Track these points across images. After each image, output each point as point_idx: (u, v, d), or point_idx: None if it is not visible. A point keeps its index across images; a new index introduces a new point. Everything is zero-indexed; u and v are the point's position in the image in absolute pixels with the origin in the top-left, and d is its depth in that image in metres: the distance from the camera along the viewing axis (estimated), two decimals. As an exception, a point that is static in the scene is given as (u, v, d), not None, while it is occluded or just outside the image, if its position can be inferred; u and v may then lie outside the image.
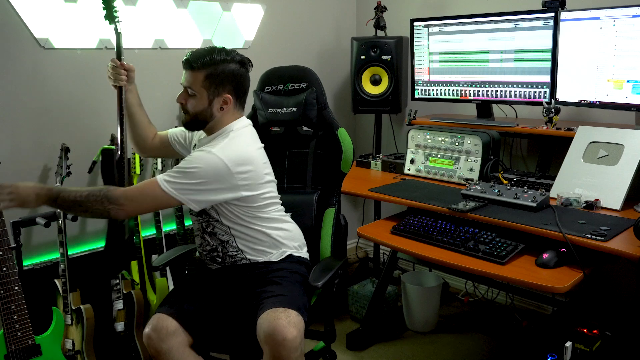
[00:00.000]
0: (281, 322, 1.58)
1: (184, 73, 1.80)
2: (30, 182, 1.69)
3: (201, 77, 1.76)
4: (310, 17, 3.31)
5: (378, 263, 3.33)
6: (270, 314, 1.62)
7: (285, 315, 1.61)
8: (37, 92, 2.34)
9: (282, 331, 1.57)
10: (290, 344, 1.57)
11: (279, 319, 1.60)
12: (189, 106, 1.80)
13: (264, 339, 1.59)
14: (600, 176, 2.06)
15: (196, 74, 1.76)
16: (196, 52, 1.78)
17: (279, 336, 1.56)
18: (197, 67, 1.75)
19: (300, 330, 1.62)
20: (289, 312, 1.63)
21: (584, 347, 1.90)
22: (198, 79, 1.76)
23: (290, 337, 1.57)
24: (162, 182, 1.69)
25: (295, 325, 1.60)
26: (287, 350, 1.57)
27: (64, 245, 2.24)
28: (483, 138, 2.41)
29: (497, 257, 1.80)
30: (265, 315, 1.62)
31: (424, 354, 2.63)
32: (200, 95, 1.78)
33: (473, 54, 2.66)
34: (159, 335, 1.71)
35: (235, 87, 1.82)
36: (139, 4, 2.56)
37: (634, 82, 2.12)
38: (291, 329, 1.58)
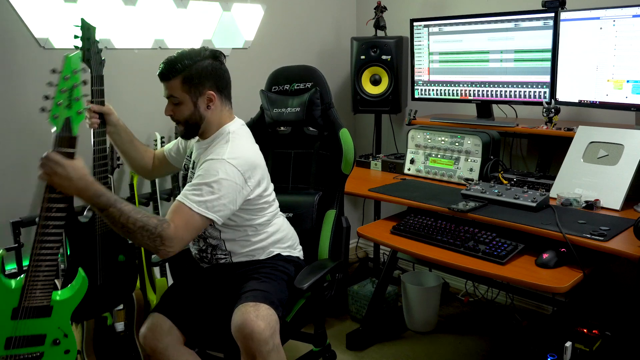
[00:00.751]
0: (249, 316, 1.60)
1: (163, 86, 1.78)
2: (89, 173, 1.54)
3: (178, 83, 1.74)
4: (310, 17, 3.31)
5: (378, 263, 3.33)
6: (241, 308, 1.64)
7: (254, 309, 1.62)
8: (37, 92, 2.33)
9: (250, 324, 1.57)
10: (259, 337, 1.57)
11: (247, 313, 1.61)
12: (177, 115, 1.79)
13: (235, 333, 1.62)
14: (600, 176, 2.06)
15: (173, 82, 1.74)
16: (167, 61, 1.75)
17: (247, 329, 1.57)
18: (172, 76, 1.74)
19: (270, 323, 1.61)
20: (259, 306, 1.63)
21: (584, 347, 1.90)
22: (176, 86, 1.74)
23: (257, 329, 1.57)
24: (195, 206, 1.62)
25: (264, 319, 1.60)
26: (256, 343, 1.57)
27: (64, 245, 2.24)
28: (483, 138, 2.41)
29: (497, 257, 1.80)
30: (237, 310, 1.65)
31: (424, 354, 2.63)
32: (184, 100, 1.76)
33: (473, 54, 2.66)
34: (154, 334, 1.74)
35: (215, 81, 1.80)
36: (139, 4, 2.55)
37: (634, 82, 2.12)
38: (259, 322, 1.58)
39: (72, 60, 1.43)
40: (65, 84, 1.43)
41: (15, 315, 1.54)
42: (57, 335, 1.60)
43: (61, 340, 1.62)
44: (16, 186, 2.30)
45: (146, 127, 2.66)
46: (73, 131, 1.47)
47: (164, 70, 1.75)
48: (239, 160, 1.71)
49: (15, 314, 1.54)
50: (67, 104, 1.44)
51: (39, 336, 1.59)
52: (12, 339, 1.56)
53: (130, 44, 2.57)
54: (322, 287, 1.90)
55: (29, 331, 1.57)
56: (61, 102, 1.42)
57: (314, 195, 2.14)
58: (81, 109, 1.47)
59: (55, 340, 1.61)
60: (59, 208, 1.51)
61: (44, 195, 1.50)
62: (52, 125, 1.43)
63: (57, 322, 1.60)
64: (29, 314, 1.56)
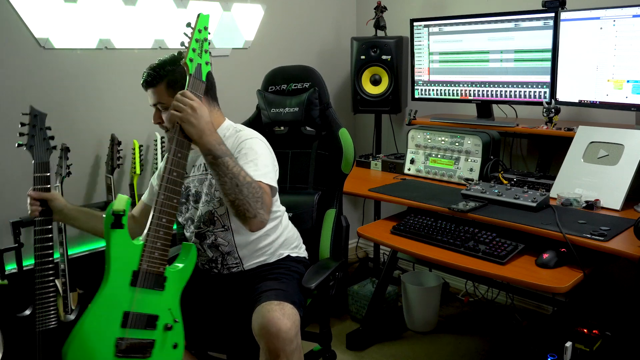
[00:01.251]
0: (275, 315, 1.57)
1: (148, 95, 1.76)
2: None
3: (163, 88, 1.73)
4: (310, 17, 3.31)
5: (378, 263, 3.33)
6: (265, 306, 1.61)
7: (279, 307, 1.60)
8: (37, 92, 2.34)
9: (277, 323, 1.55)
10: (285, 335, 1.55)
11: (273, 311, 1.58)
12: (167, 122, 1.75)
13: (259, 331, 1.58)
14: (600, 176, 2.06)
15: (158, 88, 1.73)
16: (149, 69, 1.75)
17: (273, 328, 1.55)
18: (156, 82, 1.72)
19: (295, 322, 1.60)
20: (283, 305, 1.62)
21: (584, 347, 1.90)
22: (162, 92, 1.73)
23: (284, 328, 1.55)
24: (264, 179, 1.63)
25: (290, 317, 1.59)
26: (282, 342, 1.55)
27: (64, 245, 2.24)
28: (483, 138, 2.41)
29: (497, 257, 1.80)
30: (260, 308, 1.62)
31: (424, 354, 2.63)
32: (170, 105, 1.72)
33: (473, 54, 2.66)
34: None
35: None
36: (138, 4, 2.56)
37: (634, 82, 2.12)
38: (285, 321, 1.56)
39: (203, 17, 1.58)
40: (199, 35, 1.56)
41: (134, 281, 1.49)
42: (168, 319, 1.54)
43: (173, 326, 1.54)
44: (16, 186, 2.30)
45: (146, 128, 2.66)
46: (202, 77, 1.56)
47: (148, 77, 1.73)
48: (263, 138, 1.80)
49: (135, 279, 1.50)
50: (200, 52, 1.56)
51: (153, 317, 1.52)
52: (128, 314, 1.49)
53: (130, 44, 2.57)
54: (328, 286, 1.91)
55: (144, 308, 1.50)
56: (195, 48, 1.54)
57: (313, 195, 2.14)
58: (209, 61, 1.58)
59: (166, 326, 1.53)
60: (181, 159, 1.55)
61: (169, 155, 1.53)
62: (187, 67, 1.54)
63: (168, 299, 1.54)
64: (147, 280, 1.51)
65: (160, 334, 1.53)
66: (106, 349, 1.45)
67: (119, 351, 1.47)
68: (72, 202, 2.41)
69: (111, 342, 1.46)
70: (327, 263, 1.94)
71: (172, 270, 1.56)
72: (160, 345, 1.52)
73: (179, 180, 1.55)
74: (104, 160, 2.46)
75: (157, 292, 1.53)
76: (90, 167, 2.52)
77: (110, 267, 1.47)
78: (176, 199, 1.55)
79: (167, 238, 1.54)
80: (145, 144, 2.62)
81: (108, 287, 1.47)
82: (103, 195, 2.46)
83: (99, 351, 1.45)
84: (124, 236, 1.50)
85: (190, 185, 1.86)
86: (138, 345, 1.50)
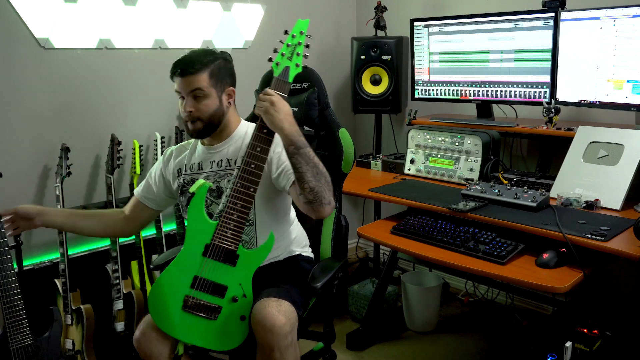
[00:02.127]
0: (271, 310, 1.59)
1: (181, 81, 1.76)
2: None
3: (205, 76, 1.76)
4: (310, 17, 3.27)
5: (378, 263, 3.33)
6: (262, 302, 1.63)
7: (276, 304, 1.62)
8: (37, 92, 2.34)
9: (271, 318, 1.57)
10: (279, 331, 1.57)
11: (269, 307, 1.60)
12: (202, 109, 1.76)
13: (255, 326, 1.61)
14: (600, 176, 2.06)
15: (200, 75, 1.75)
16: (189, 57, 1.77)
17: (267, 323, 1.57)
18: (198, 68, 1.74)
19: (291, 319, 1.61)
20: (280, 302, 1.64)
21: (584, 347, 1.90)
22: (203, 79, 1.75)
23: (278, 323, 1.57)
24: None
25: (285, 314, 1.60)
26: (276, 337, 1.57)
27: (64, 245, 2.24)
28: (483, 138, 2.41)
29: (497, 257, 1.80)
30: (258, 304, 1.64)
31: (424, 354, 2.63)
32: (211, 94, 1.77)
33: (473, 54, 2.66)
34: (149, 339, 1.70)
35: (232, 79, 1.86)
36: (139, 4, 2.56)
37: (634, 82, 2.12)
38: (280, 317, 1.58)
39: (301, 22, 1.74)
40: (291, 39, 1.72)
41: (206, 252, 1.68)
42: (237, 292, 1.68)
43: (239, 299, 1.68)
44: (16, 186, 2.30)
45: (146, 127, 2.66)
46: (289, 78, 1.72)
47: (189, 63, 1.75)
48: None
49: (206, 250, 1.69)
50: (289, 56, 1.73)
51: (221, 287, 1.68)
52: (198, 278, 1.68)
53: (130, 44, 2.57)
54: (332, 285, 1.91)
55: (213, 277, 1.68)
56: (284, 53, 1.72)
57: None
58: (299, 63, 1.73)
59: (234, 298, 1.67)
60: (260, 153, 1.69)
61: (247, 148, 1.69)
62: (274, 70, 1.72)
63: (240, 276, 1.69)
64: (217, 253, 1.68)
65: (228, 304, 1.68)
66: (176, 302, 1.68)
67: (185, 306, 1.67)
68: (72, 202, 2.43)
69: (180, 297, 1.67)
70: (330, 262, 1.95)
71: (245, 250, 1.72)
72: (227, 313, 1.68)
73: (257, 172, 1.68)
74: (104, 160, 2.46)
75: (228, 267, 1.69)
76: (90, 167, 2.52)
77: (186, 237, 1.72)
78: (253, 188, 1.68)
79: (240, 221, 1.69)
80: (145, 144, 2.62)
81: (183, 253, 1.71)
82: (103, 195, 2.46)
83: (170, 302, 1.68)
84: (199, 213, 1.72)
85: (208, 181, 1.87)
86: (203, 306, 1.67)
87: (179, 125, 2.75)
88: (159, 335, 1.71)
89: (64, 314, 2.26)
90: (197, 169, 1.87)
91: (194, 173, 1.88)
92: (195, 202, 1.73)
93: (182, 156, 1.92)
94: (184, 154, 1.92)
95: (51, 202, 2.34)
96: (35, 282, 2.28)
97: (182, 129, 2.70)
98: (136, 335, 1.73)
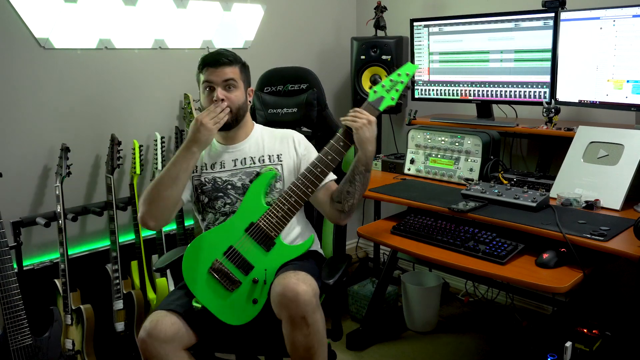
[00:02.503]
0: (291, 280, 1.61)
1: (214, 71, 1.80)
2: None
3: (237, 69, 1.84)
4: (310, 17, 3.31)
5: (378, 263, 3.33)
6: (281, 278, 1.65)
7: (294, 274, 1.64)
8: (37, 92, 2.34)
9: (293, 287, 1.59)
10: (302, 297, 1.57)
11: (288, 277, 1.62)
12: (233, 99, 1.82)
13: (278, 302, 1.61)
14: (600, 176, 2.06)
15: (233, 67, 1.83)
16: (220, 51, 1.84)
17: (290, 292, 1.58)
18: (232, 60, 1.82)
19: (313, 287, 1.63)
20: (298, 273, 1.66)
21: (584, 347, 1.90)
22: (237, 71, 1.84)
23: (301, 291, 1.58)
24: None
25: (306, 282, 1.62)
26: (303, 306, 1.57)
27: (64, 245, 2.24)
28: (483, 138, 2.41)
29: (497, 257, 1.80)
30: (277, 280, 1.66)
31: (424, 354, 2.63)
32: (240, 87, 1.85)
33: (473, 54, 2.66)
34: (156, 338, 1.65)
35: (250, 80, 1.94)
36: (139, 4, 2.56)
37: (634, 82, 2.12)
38: (301, 284, 1.60)
39: (410, 66, 1.83)
40: (397, 77, 1.81)
41: (248, 229, 1.78)
42: (260, 276, 1.74)
43: (259, 283, 1.73)
44: (16, 186, 2.30)
45: (146, 127, 2.66)
46: (380, 107, 1.80)
47: (224, 55, 1.82)
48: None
49: (249, 227, 1.78)
50: (388, 89, 1.81)
51: (249, 265, 1.76)
52: (232, 248, 1.77)
53: (130, 44, 2.57)
54: (342, 282, 1.92)
55: (245, 253, 1.76)
56: (384, 85, 1.81)
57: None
58: (395, 97, 1.81)
59: (255, 279, 1.73)
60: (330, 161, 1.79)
61: (320, 153, 1.80)
62: (369, 95, 1.81)
63: (268, 262, 1.76)
64: (257, 234, 1.77)
65: (247, 282, 1.75)
66: (206, 262, 1.77)
67: (211, 268, 1.75)
68: (72, 202, 2.44)
69: (211, 259, 1.76)
70: (336, 261, 1.97)
71: (282, 242, 1.80)
72: (243, 290, 1.74)
73: (321, 177, 1.78)
74: (104, 160, 2.46)
75: (262, 250, 1.77)
76: (90, 167, 2.52)
77: (238, 210, 1.83)
78: (311, 189, 1.78)
79: (288, 213, 1.77)
80: (145, 144, 2.62)
81: (229, 221, 1.83)
82: (103, 195, 2.46)
83: (202, 260, 1.77)
84: (257, 192, 1.82)
85: (233, 179, 1.90)
86: (226, 274, 1.75)
87: (179, 125, 2.75)
88: (170, 335, 1.66)
89: (64, 314, 2.26)
90: (220, 167, 1.90)
91: (216, 171, 1.90)
92: (259, 181, 1.84)
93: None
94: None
95: (51, 202, 2.34)
96: (35, 282, 2.28)
97: (182, 128, 2.70)
98: (142, 336, 1.67)
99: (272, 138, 1.96)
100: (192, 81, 1.94)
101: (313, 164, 1.78)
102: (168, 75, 2.71)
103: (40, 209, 2.38)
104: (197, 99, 2.69)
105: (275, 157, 1.92)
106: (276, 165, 1.91)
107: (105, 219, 2.45)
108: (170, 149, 2.74)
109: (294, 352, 1.64)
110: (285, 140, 1.95)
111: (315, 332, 1.61)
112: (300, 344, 1.61)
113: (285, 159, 1.92)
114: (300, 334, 1.60)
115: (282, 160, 1.92)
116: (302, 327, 1.59)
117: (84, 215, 2.47)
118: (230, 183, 1.90)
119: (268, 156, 1.92)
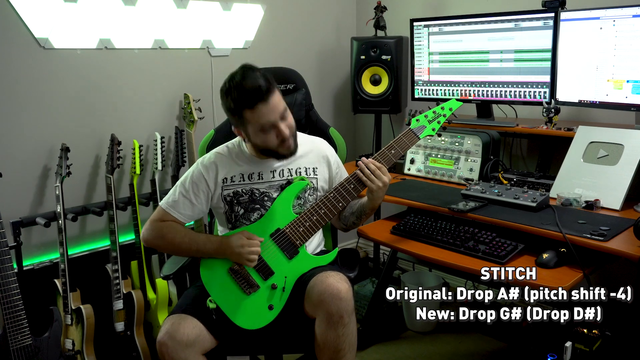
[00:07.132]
0: (334, 279, 1.64)
1: (267, 107, 1.69)
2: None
3: (278, 92, 1.76)
4: (310, 17, 3.31)
5: (378, 263, 3.33)
6: (319, 277, 1.66)
7: (336, 274, 1.67)
8: (37, 92, 2.34)
9: (336, 285, 1.62)
10: (345, 295, 1.61)
11: (330, 277, 1.65)
12: (293, 125, 1.82)
13: (318, 298, 1.62)
14: (600, 176, 2.06)
15: (277, 92, 1.75)
16: (254, 83, 1.68)
17: (333, 290, 1.60)
18: (272, 86, 1.72)
19: (350, 287, 1.66)
20: (336, 274, 1.68)
21: (584, 347, 1.90)
22: (279, 92, 1.77)
23: (343, 289, 1.61)
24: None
25: (345, 282, 1.66)
26: (344, 303, 1.60)
27: (64, 245, 2.24)
28: (483, 138, 2.41)
29: (497, 257, 1.80)
30: (314, 280, 1.67)
31: (424, 354, 2.63)
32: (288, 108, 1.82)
33: (473, 54, 2.66)
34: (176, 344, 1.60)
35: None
36: (138, 4, 2.56)
37: (634, 82, 2.12)
38: (343, 283, 1.64)
39: (454, 103, 1.96)
40: (440, 110, 1.93)
41: (274, 234, 1.79)
42: (279, 282, 1.74)
43: (277, 289, 1.73)
44: (16, 186, 2.30)
45: (146, 127, 2.66)
46: (421, 135, 1.91)
47: (264, 85, 1.68)
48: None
49: (275, 233, 1.79)
50: (430, 120, 1.92)
51: (269, 270, 1.76)
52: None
53: (130, 44, 2.57)
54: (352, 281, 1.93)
55: (268, 258, 1.76)
56: (427, 115, 1.93)
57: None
58: (435, 129, 1.93)
59: (274, 285, 1.74)
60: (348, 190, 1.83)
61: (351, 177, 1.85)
62: (412, 123, 1.92)
63: (289, 270, 1.76)
64: (282, 240, 1.78)
65: (266, 288, 1.74)
66: (227, 261, 1.76)
67: (231, 269, 1.75)
68: (72, 202, 2.44)
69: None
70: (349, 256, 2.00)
71: (306, 252, 1.81)
72: (260, 295, 1.74)
73: (354, 193, 1.82)
74: (104, 160, 2.46)
75: (285, 257, 1.78)
76: (90, 167, 2.52)
77: (267, 214, 1.83)
78: (342, 204, 1.81)
79: (316, 224, 1.80)
80: (145, 144, 2.62)
81: (256, 224, 1.83)
82: (103, 195, 2.46)
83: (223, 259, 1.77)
84: (288, 200, 1.84)
85: (269, 191, 1.87)
86: (245, 277, 1.74)
87: (178, 125, 2.75)
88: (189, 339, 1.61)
89: (63, 314, 2.26)
90: (258, 178, 1.87)
91: (254, 182, 1.87)
92: (291, 189, 1.85)
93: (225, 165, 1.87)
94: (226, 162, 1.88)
95: (51, 202, 2.34)
96: (35, 282, 2.28)
97: (182, 128, 2.70)
98: (163, 339, 1.61)
99: (308, 150, 1.94)
100: (192, 81, 1.94)
101: (347, 179, 1.82)
102: (168, 75, 2.71)
103: (40, 209, 2.38)
104: (196, 98, 2.70)
105: (312, 171, 1.93)
106: (312, 178, 1.92)
107: (105, 219, 2.45)
108: (170, 149, 2.74)
109: (322, 352, 1.65)
110: (321, 155, 1.96)
111: (349, 333, 1.64)
112: (331, 344, 1.62)
113: (320, 173, 1.94)
114: (334, 334, 1.61)
115: (317, 175, 1.94)
116: (338, 327, 1.61)
117: (83, 215, 2.47)
118: (267, 195, 1.87)
119: (305, 168, 1.92)
